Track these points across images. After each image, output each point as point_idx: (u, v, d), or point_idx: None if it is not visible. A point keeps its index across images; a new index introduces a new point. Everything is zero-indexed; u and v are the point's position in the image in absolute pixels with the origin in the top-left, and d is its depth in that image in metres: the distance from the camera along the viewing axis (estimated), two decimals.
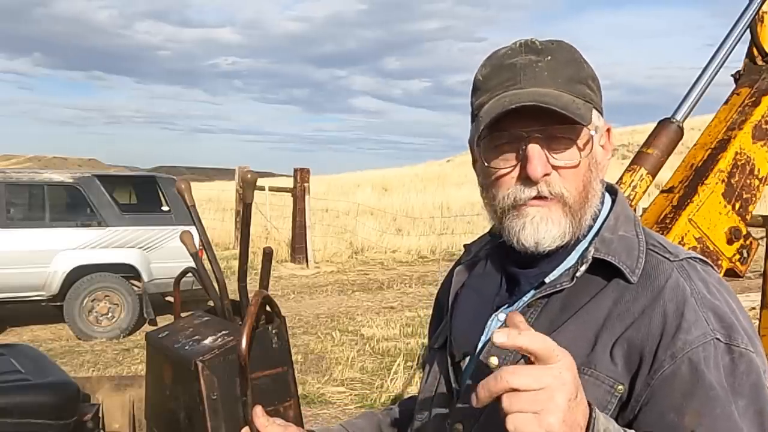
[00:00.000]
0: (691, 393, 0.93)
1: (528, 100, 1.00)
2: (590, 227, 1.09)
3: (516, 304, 1.09)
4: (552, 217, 1.03)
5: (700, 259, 1.06)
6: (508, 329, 0.79)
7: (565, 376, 0.79)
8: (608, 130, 1.11)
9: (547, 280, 1.07)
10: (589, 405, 0.84)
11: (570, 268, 1.06)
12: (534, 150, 1.01)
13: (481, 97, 1.07)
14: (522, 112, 1.00)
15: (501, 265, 1.14)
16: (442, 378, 1.15)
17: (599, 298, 1.03)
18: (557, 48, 1.07)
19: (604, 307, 1.02)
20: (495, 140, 1.05)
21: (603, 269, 1.04)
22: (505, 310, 1.10)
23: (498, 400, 0.79)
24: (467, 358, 1.11)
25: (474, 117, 1.09)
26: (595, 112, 1.06)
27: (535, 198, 1.03)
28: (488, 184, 1.08)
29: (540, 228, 1.03)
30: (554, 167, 1.03)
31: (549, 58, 1.05)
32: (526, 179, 1.02)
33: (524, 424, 0.77)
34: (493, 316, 1.11)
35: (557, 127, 1.01)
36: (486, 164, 1.06)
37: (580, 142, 1.03)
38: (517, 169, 1.03)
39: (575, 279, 1.04)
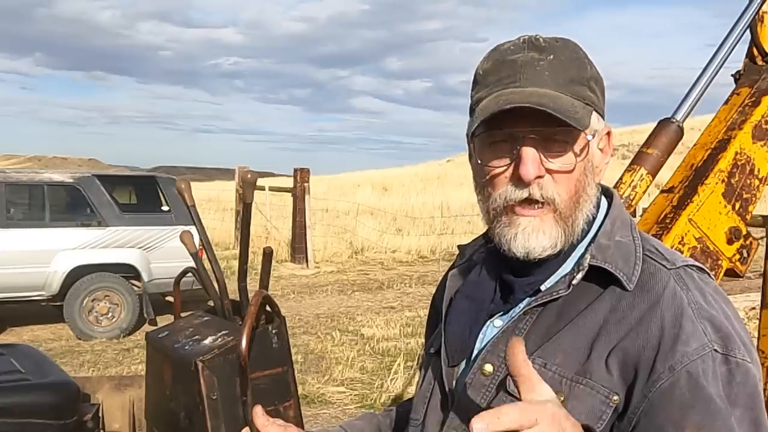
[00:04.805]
0: (691, 406, 0.92)
1: (523, 101, 0.98)
2: (585, 232, 1.07)
3: (511, 312, 1.08)
4: (544, 228, 1.02)
5: (697, 267, 1.05)
6: (485, 413, 0.76)
7: (543, 428, 0.78)
8: (608, 133, 1.09)
9: (542, 287, 1.06)
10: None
11: (566, 275, 1.04)
12: (528, 152, 1.00)
13: (480, 92, 1.05)
14: (518, 112, 0.98)
15: (495, 272, 1.12)
16: (437, 384, 1.14)
17: (595, 305, 1.02)
18: (561, 46, 1.04)
19: (600, 315, 1.01)
20: (490, 138, 1.04)
21: (599, 276, 1.03)
22: (501, 317, 1.09)
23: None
24: (462, 365, 1.10)
25: (472, 111, 1.07)
26: (594, 116, 1.04)
27: (526, 201, 1.02)
28: (482, 182, 1.06)
29: (531, 239, 1.02)
30: (548, 170, 1.01)
31: (551, 57, 1.02)
32: (518, 180, 1.01)
33: None
34: (489, 322, 1.10)
35: (553, 129, 0.99)
36: (480, 162, 1.05)
37: (577, 147, 1.02)
38: (510, 169, 1.02)
39: (571, 287, 1.03)
